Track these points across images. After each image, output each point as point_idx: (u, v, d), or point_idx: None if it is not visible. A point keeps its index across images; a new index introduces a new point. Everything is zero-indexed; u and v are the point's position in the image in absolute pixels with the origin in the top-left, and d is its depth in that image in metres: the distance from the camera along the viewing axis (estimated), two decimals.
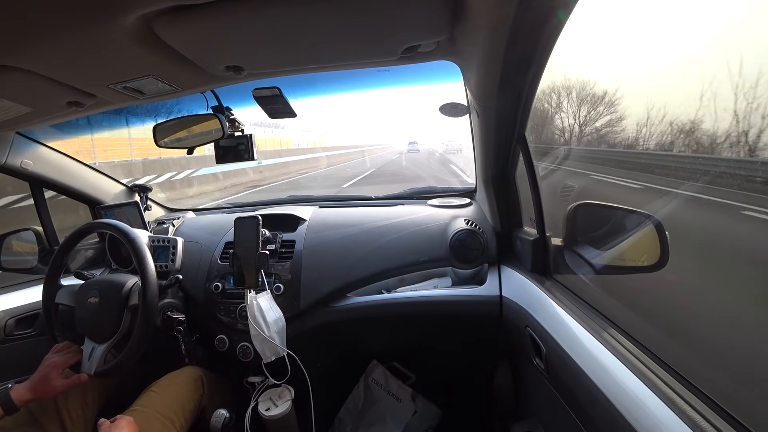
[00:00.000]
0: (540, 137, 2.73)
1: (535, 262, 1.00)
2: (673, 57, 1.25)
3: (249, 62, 0.78)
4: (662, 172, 1.69)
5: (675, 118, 1.48)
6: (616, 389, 0.58)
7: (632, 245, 0.80)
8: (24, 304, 1.25)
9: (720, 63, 1.00)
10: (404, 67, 0.87)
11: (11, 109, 0.90)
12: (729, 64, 0.96)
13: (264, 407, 1.11)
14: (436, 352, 1.42)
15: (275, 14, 0.59)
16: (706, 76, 1.05)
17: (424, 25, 0.66)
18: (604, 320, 0.75)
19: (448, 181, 8.59)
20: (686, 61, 1.21)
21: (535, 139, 1.18)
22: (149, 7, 0.54)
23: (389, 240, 1.22)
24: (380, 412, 1.39)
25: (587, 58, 2.13)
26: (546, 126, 2.75)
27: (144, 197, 1.54)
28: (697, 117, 1.28)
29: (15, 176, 1.24)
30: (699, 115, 1.24)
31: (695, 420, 0.48)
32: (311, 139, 21.45)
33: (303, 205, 1.52)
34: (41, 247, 1.38)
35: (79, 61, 0.69)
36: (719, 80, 0.99)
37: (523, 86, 0.77)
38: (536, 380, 0.89)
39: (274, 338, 1.05)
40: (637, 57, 1.64)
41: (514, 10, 0.52)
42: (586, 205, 0.90)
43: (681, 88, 1.34)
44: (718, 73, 1.00)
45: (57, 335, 1.04)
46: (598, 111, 2.28)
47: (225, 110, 1.02)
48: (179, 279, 1.17)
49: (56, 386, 0.91)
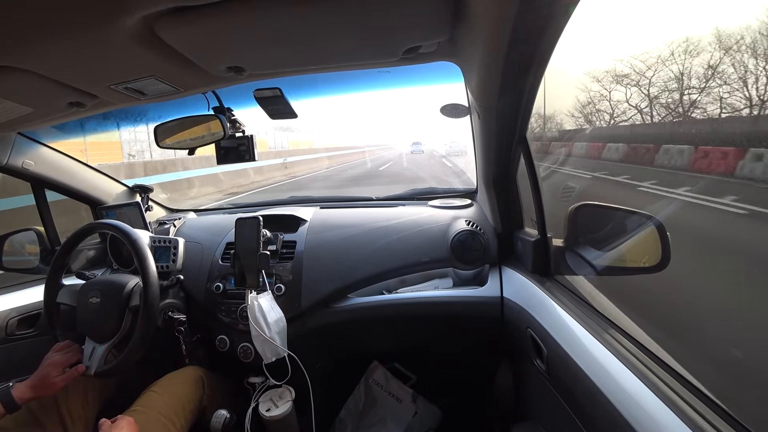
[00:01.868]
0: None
1: (536, 263, 1.00)
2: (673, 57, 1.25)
3: (250, 63, 0.79)
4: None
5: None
6: (617, 390, 0.58)
7: (633, 246, 0.80)
8: (25, 304, 1.25)
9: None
10: (405, 68, 0.87)
11: (13, 109, 0.91)
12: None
13: (264, 408, 1.11)
14: (437, 353, 1.42)
15: (276, 15, 0.59)
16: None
17: (425, 26, 0.66)
18: (605, 321, 0.75)
19: (449, 182, 8.60)
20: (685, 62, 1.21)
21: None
22: (150, 8, 0.55)
23: (390, 241, 1.22)
24: (381, 413, 1.39)
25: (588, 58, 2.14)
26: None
27: (145, 197, 1.54)
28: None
29: (17, 176, 1.25)
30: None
31: (695, 420, 0.48)
32: (326, 140, 22.29)
33: (304, 205, 1.52)
34: (43, 247, 1.38)
35: (81, 61, 0.70)
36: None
37: (524, 87, 0.77)
38: (537, 381, 0.89)
39: (275, 339, 1.05)
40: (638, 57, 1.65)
41: (515, 12, 0.52)
42: (588, 206, 0.90)
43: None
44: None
45: (58, 335, 1.04)
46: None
47: (226, 111, 1.02)
48: (180, 279, 1.17)
49: (56, 383, 0.91)
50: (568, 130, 2.48)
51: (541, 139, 2.78)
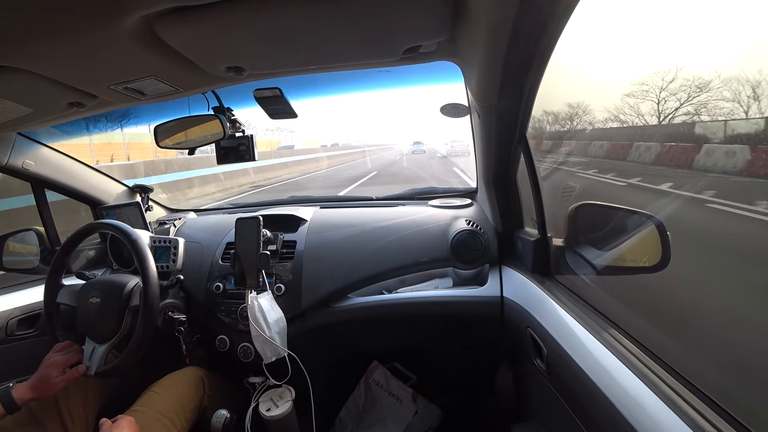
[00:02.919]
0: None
1: (536, 262, 1.00)
2: (672, 57, 1.25)
3: (250, 63, 0.79)
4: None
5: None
6: (617, 390, 0.58)
7: (634, 246, 0.80)
8: (25, 305, 1.25)
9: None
10: (405, 68, 0.87)
11: (13, 109, 0.91)
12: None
13: (265, 408, 1.11)
14: (437, 353, 1.42)
15: (276, 15, 0.59)
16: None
17: (425, 25, 0.66)
18: (605, 321, 0.75)
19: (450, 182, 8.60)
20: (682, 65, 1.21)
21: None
22: (150, 8, 0.55)
23: (390, 240, 1.22)
24: (381, 413, 1.39)
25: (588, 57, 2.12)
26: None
27: (145, 197, 1.54)
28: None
29: (17, 177, 1.25)
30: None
31: (695, 420, 0.48)
32: (333, 139, 23.30)
33: (304, 205, 1.52)
34: (43, 248, 1.38)
35: (81, 61, 0.70)
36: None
37: (524, 87, 0.77)
38: (537, 381, 0.89)
39: (275, 339, 1.05)
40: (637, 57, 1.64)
41: (515, 12, 0.52)
42: (588, 206, 0.90)
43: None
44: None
45: (58, 335, 1.04)
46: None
47: (226, 111, 1.02)
48: (180, 279, 1.17)
49: (57, 384, 0.91)
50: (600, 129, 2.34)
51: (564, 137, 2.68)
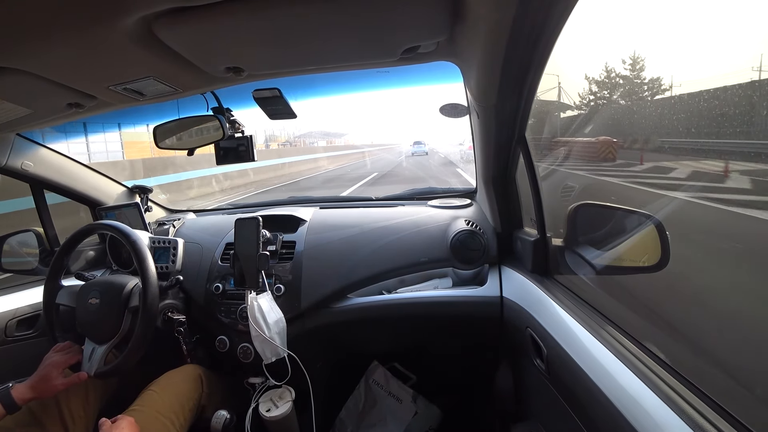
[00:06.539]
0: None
1: (535, 262, 1.00)
2: (672, 57, 1.25)
3: (249, 63, 0.78)
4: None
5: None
6: (617, 390, 0.58)
7: (633, 245, 0.80)
8: (25, 305, 1.25)
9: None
10: (404, 68, 0.87)
11: (12, 110, 0.91)
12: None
13: (264, 408, 1.11)
14: (437, 353, 1.42)
15: (275, 15, 0.59)
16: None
17: (424, 25, 0.66)
18: (604, 321, 0.75)
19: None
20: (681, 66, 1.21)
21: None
22: (149, 8, 0.54)
23: (390, 241, 1.22)
24: (381, 413, 1.39)
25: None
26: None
27: (144, 198, 1.54)
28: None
29: (16, 178, 1.25)
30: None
31: (695, 420, 0.48)
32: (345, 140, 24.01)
33: (303, 206, 1.52)
34: (42, 249, 1.38)
35: (79, 62, 0.69)
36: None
37: (523, 87, 0.77)
38: (537, 381, 0.89)
39: (275, 339, 1.05)
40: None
41: (514, 12, 0.52)
42: (587, 206, 0.90)
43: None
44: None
45: (58, 336, 1.04)
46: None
47: (225, 111, 1.02)
48: (180, 280, 1.17)
49: (56, 385, 0.91)
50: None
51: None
